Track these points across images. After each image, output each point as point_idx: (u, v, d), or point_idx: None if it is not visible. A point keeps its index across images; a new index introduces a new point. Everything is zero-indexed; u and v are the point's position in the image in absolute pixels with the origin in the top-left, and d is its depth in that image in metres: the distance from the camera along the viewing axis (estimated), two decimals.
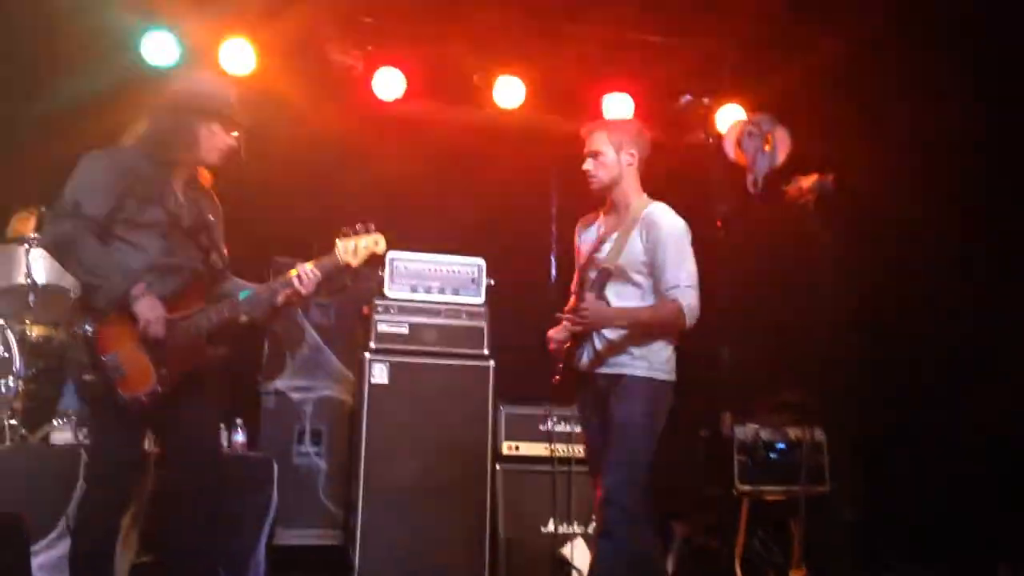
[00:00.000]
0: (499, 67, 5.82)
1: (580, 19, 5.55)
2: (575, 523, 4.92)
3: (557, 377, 3.67)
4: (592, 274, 3.68)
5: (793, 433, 5.02)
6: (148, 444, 3.62)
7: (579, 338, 3.64)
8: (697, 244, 5.75)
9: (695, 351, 5.86)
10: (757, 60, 5.65)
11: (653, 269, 3.58)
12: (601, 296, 3.60)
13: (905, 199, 5.13)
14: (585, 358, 3.64)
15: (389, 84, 5.70)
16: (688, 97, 5.49)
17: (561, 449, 5.01)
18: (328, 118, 5.59)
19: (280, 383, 5.23)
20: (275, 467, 4.55)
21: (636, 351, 3.57)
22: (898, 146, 5.23)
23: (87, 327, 3.19)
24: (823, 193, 4.61)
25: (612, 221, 3.74)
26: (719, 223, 4.90)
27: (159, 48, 5.33)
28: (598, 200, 3.81)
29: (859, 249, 5.13)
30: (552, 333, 3.70)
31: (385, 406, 4.89)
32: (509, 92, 5.81)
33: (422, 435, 4.89)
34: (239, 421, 4.82)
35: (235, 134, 4.57)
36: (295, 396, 5.24)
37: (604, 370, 3.62)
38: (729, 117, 5.65)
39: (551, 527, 4.91)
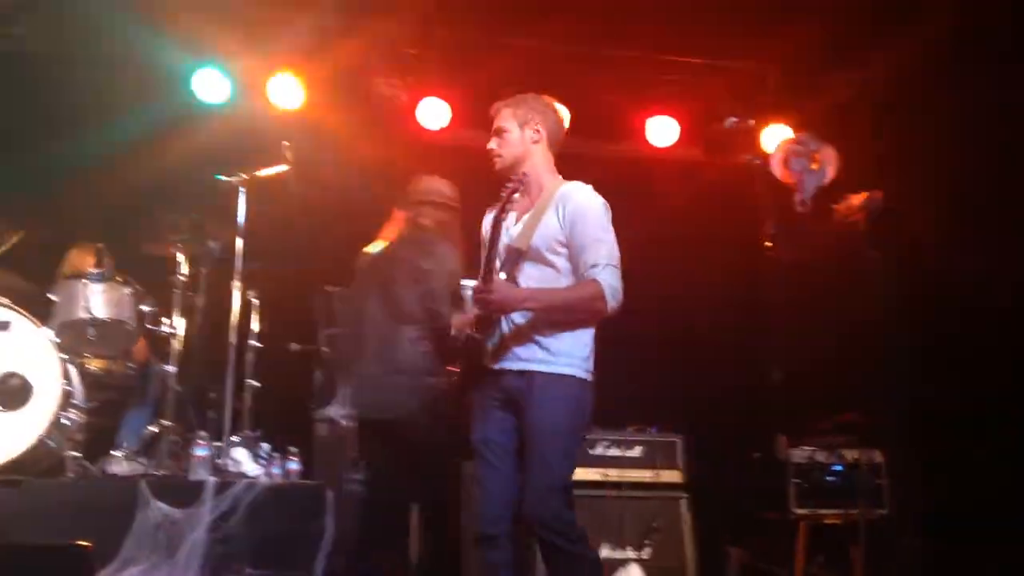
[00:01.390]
0: (541, 93, 5.84)
1: (621, 43, 5.58)
2: (628, 548, 4.87)
3: (455, 370, 3.31)
4: (501, 256, 3.29)
5: (850, 455, 4.94)
6: None
7: (485, 327, 3.21)
8: (746, 264, 5.79)
9: (745, 372, 5.88)
10: (802, 79, 5.62)
11: (571, 249, 3.23)
12: (512, 280, 3.24)
13: (956, 216, 5.05)
14: (489, 347, 3.23)
15: (434, 114, 5.77)
16: (733, 119, 5.47)
17: (613, 474, 4.98)
18: (375, 149, 5.67)
19: (331, 410, 5.26)
20: (329, 495, 4.57)
21: (551, 344, 3.19)
22: (947, 162, 5.15)
23: None
24: (873, 211, 4.55)
25: (523, 203, 3.38)
26: (767, 243, 4.86)
27: (210, 85, 5.47)
28: (656, 216, 3.66)
29: (911, 267, 5.05)
30: (455, 322, 3.34)
31: None
32: None
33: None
34: (293, 449, 4.86)
35: (287, 167, 4.70)
36: (346, 424, 5.27)
37: (512, 365, 3.21)
38: (775, 136, 5.63)
39: (605, 552, 4.87)
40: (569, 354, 3.20)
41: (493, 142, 3.43)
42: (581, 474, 4.96)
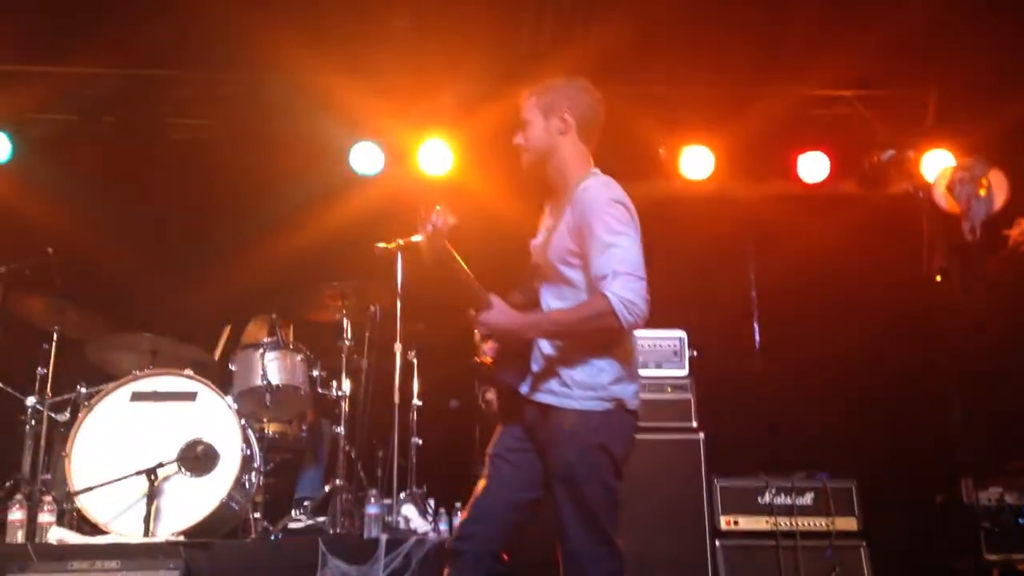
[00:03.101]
0: (684, 138, 5.84)
1: (766, 81, 5.50)
2: None
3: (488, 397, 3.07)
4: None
5: None
6: None
7: (508, 352, 2.93)
8: (915, 301, 5.54)
9: (919, 412, 5.58)
10: (964, 102, 5.38)
11: (583, 260, 2.85)
12: (534, 299, 2.96)
13: None
14: (523, 385, 2.91)
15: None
16: (891, 151, 5.25)
17: (784, 523, 4.81)
18: (522, 207, 5.77)
19: None
20: None
21: (567, 374, 2.83)
22: None
23: None
24: None
25: (553, 206, 3.06)
26: (938, 278, 4.61)
27: (366, 158, 5.75)
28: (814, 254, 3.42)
29: None
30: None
31: None
32: (697, 162, 5.82)
33: (636, 512, 4.79)
34: (457, 504, 4.94)
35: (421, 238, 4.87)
36: None
37: (530, 394, 2.89)
38: (936, 164, 5.38)
39: None
40: (586, 384, 2.82)
41: (519, 136, 3.08)
42: (748, 524, 4.85)
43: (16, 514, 4.25)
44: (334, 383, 5.01)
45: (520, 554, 2.97)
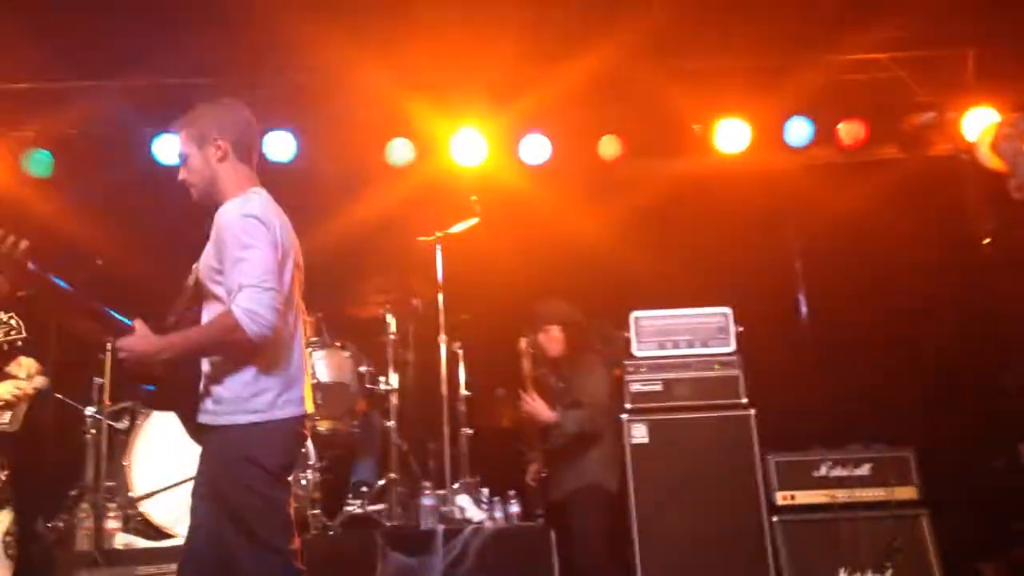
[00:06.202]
0: (719, 111, 5.77)
1: (800, 48, 5.41)
2: (868, 571, 4.64)
3: None
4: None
5: None
6: None
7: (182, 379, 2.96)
8: (966, 263, 5.44)
9: (972, 379, 5.49)
10: (1004, 60, 5.24)
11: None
12: (188, 321, 2.97)
13: None
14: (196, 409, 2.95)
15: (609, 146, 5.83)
16: (931, 114, 5.15)
17: (841, 495, 4.77)
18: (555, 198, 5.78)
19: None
20: (552, 536, 4.63)
21: (216, 391, 2.87)
22: None
23: None
24: None
25: None
26: (986, 240, 4.52)
27: (400, 150, 5.74)
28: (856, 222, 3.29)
29: None
30: None
31: (648, 465, 4.89)
32: (732, 136, 5.75)
33: (690, 491, 4.83)
34: (512, 492, 4.97)
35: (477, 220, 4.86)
36: None
37: (199, 419, 2.93)
38: (978, 123, 5.25)
39: None
40: (229, 399, 2.86)
41: (183, 171, 3.06)
42: (805, 498, 4.82)
43: (83, 522, 4.36)
44: (382, 378, 5.05)
45: None
